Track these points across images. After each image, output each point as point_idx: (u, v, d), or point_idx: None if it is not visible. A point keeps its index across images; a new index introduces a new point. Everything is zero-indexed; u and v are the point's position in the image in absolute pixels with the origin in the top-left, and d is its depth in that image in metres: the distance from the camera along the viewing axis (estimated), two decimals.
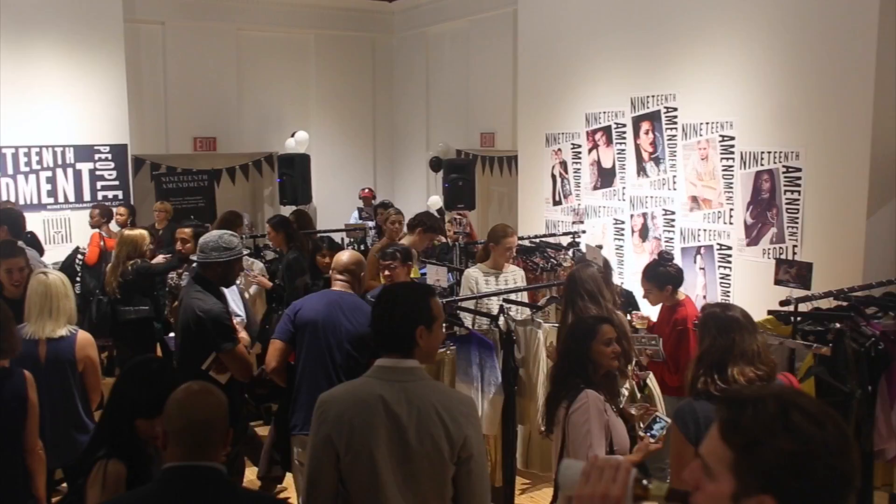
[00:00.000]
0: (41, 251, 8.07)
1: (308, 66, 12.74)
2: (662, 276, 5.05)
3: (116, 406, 2.91)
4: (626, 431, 3.41)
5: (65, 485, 4.64)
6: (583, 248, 7.43)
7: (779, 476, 1.29)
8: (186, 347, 4.33)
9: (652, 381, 4.54)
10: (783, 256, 6.18)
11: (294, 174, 11.24)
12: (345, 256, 4.35)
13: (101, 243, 8.47)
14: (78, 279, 7.71)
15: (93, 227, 8.89)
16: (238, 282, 6.68)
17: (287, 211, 10.98)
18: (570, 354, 3.48)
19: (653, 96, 7.64)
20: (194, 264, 5.00)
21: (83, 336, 4.34)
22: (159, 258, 6.85)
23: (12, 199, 9.88)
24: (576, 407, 3.31)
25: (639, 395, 4.25)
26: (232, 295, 5.62)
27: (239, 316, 5.48)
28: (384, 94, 13.37)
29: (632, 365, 4.31)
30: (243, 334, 4.92)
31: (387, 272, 5.33)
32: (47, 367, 4.16)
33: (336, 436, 2.57)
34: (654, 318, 5.35)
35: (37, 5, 10.02)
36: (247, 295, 6.58)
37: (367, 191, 11.68)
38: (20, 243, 6.14)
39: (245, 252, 7.04)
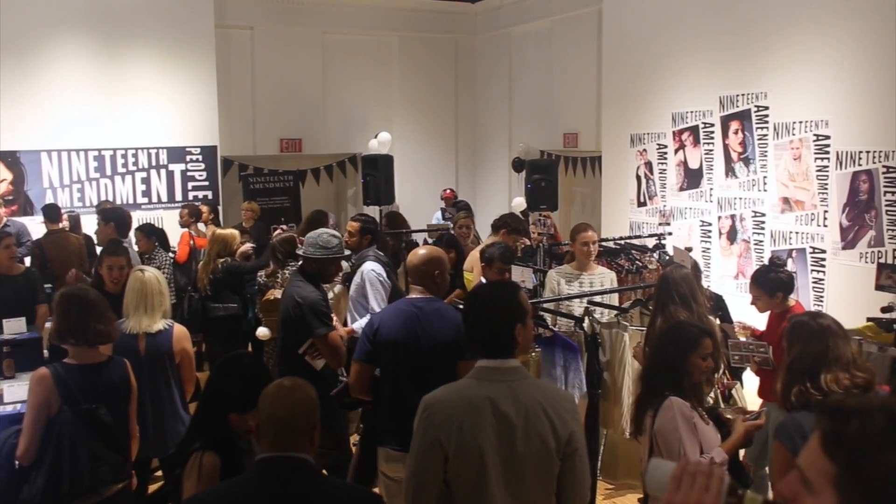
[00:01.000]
0: (167, 248, 8.38)
1: (391, 67, 12.87)
2: (773, 282, 4.82)
3: (210, 400, 3.01)
4: (720, 438, 3.32)
5: (160, 472, 4.79)
6: (669, 250, 7.28)
7: (888, 493, 1.23)
8: (287, 334, 4.55)
9: (738, 391, 4.40)
10: (882, 260, 5.94)
11: (377, 175, 11.34)
12: (414, 258, 4.14)
13: (191, 242, 8.74)
14: (169, 277, 7.96)
15: (182, 226, 9.19)
16: None
17: (371, 211, 11.13)
18: (664, 360, 3.41)
19: (743, 95, 7.44)
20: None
21: (179, 330, 4.51)
22: (246, 246, 7.00)
23: (110, 199, 10.31)
24: (662, 415, 3.25)
25: (722, 406, 4.13)
26: None
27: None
28: (466, 95, 13.40)
29: (718, 373, 4.20)
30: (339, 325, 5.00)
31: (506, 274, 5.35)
32: (146, 360, 4.33)
33: (445, 439, 2.57)
34: (750, 324, 5.16)
35: (133, 14, 10.44)
36: (331, 294, 6.67)
37: (448, 191, 11.73)
38: (127, 241, 6.45)
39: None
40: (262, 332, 6.08)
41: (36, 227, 9.06)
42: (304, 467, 2.42)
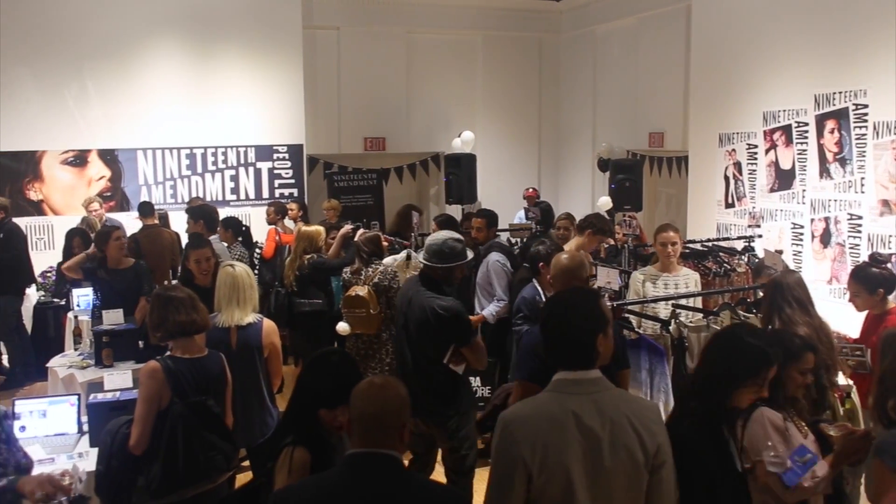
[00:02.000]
0: (251, 244, 8.62)
1: (475, 66, 12.88)
2: (875, 278, 4.60)
3: (300, 396, 3.07)
4: (817, 451, 3.20)
5: (247, 462, 4.91)
6: (759, 252, 7.08)
7: None
8: (425, 342, 4.53)
9: (854, 395, 4.23)
10: None
11: (460, 174, 11.40)
12: (558, 265, 3.98)
13: (277, 238, 8.95)
14: (256, 272, 8.16)
15: (269, 223, 9.41)
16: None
17: (453, 210, 11.18)
18: None
19: (840, 93, 7.18)
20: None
21: (268, 324, 4.62)
22: (346, 228, 7.15)
23: (201, 196, 10.64)
24: (752, 426, 3.15)
25: (841, 411, 3.98)
26: None
27: None
28: (550, 93, 13.31)
29: (835, 377, 4.05)
30: None
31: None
32: (238, 353, 4.45)
33: (529, 457, 2.47)
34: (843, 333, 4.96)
35: (225, 17, 10.74)
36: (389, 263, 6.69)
37: (531, 190, 11.67)
38: (215, 237, 6.65)
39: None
40: (342, 327, 6.17)
41: (131, 222, 9.41)
42: (393, 464, 2.45)
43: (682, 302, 5.21)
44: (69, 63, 10.14)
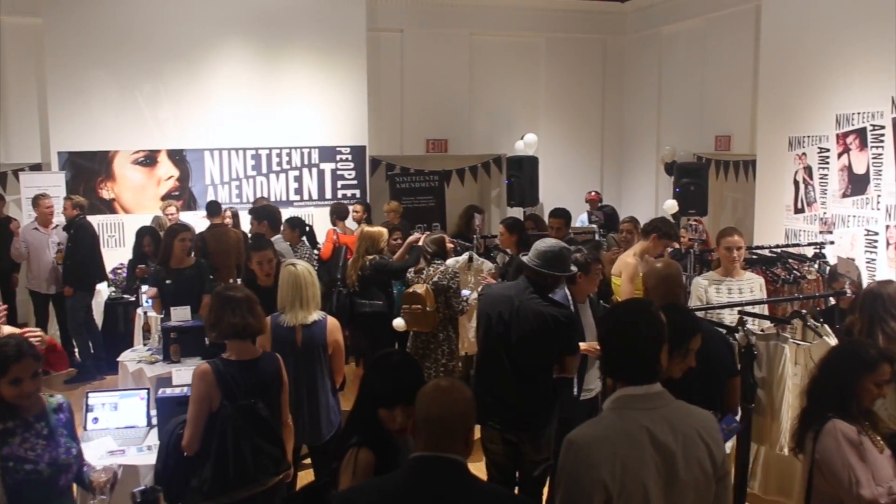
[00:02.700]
0: (314, 244, 8.73)
1: (538, 68, 12.82)
2: None
3: (363, 396, 3.09)
4: (894, 467, 3.09)
5: (308, 460, 4.96)
6: (831, 259, 6.89)
7: None
8: (536, 350, 4.36)
9: None
10: None
11: (522, 176, 11.35)
12: (657, 274, 3.89)
13: (335, 238, 9.04)
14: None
15: (356, 221, 9.51)
16: (469, 280, 6.87)
17: (514, 212, 11.14)
18: (834, 378, 3.20)
19: None
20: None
21: (332, 322, 4.67)
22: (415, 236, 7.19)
23: (265, 196, 10.82)
24: (825, 439, 3.06)
25: None
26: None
27: None
28: (614, 96, 13.16)
29: None
30: None
31: None
32: (303, 350, 4.51)
33: (609, 479, 2.38)
34: None
35: (290, 19, 10.90)
36: (474, 295, 6.71)
37: (593, 194, 11.56)
38: (278, 237, 6.75)
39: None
40: (399, 323, 6.22)
41: (198, 221, 9.61)
42: (457, 469, 2.42)
43: (749, 309, 5.09)
44: (141, 65, 10.43)
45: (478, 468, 3.10)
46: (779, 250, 7.11)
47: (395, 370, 3.03)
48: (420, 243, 6.60)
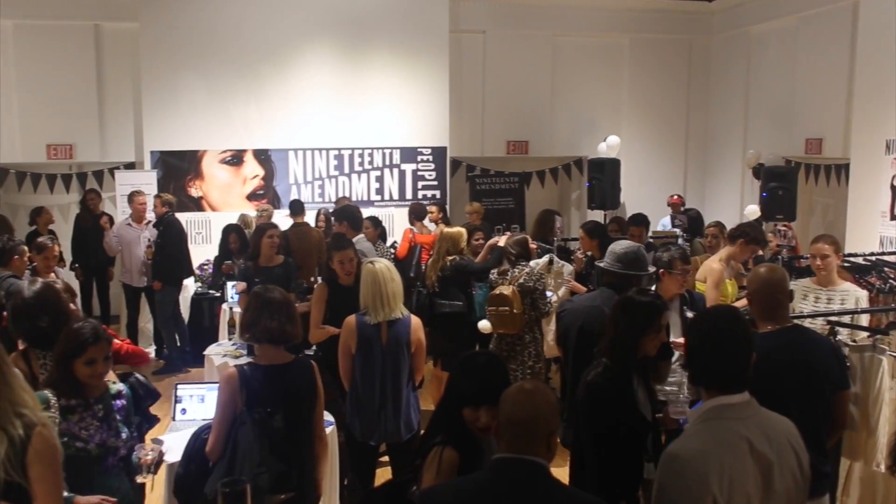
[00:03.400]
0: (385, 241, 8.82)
1: (621, 70, 12.65)
2: None
3: (449, 395, 3.10)
4: None
5: (386, 458, 5.00)
6: None
7: None
8: None
9: None
10: None
11: (603, 179, 11.22)
12: (760, 279, 3.61)
13: (411, 237, 9.11)
14: None
15: (433, 221, 9.60)
16: (549, 283, 6.81)
17: (595, 215, 11.02)
18: None
19: None
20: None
21: (416, 320, 4.71)
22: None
23: (347, 195, 10.97)
24: None
25: None
26: None
27: None
28: (699, 97, 12.87)
29: None
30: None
31: None
32: (388, 347, 4.56)
33: (718, 491, 2.34)
34: None
35: (374, 21, 11.04)
36: (555, 297, 6.66)
37: (675, 197, 11.33)
38: (360, 236, 6.85)
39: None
40: (484, 324, 6.20)
41: (281, 219, 9.81)
42: (539, 471, 2.41)
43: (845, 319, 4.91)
44: (230, 68, 10.73)
45: (562, 473, 3.06)
46: (873, 258, 6.82)
47: (482, 371, 3.04)
48: (502, 244, 6.58)
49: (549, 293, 6.48)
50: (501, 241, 7.00)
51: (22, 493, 2.56)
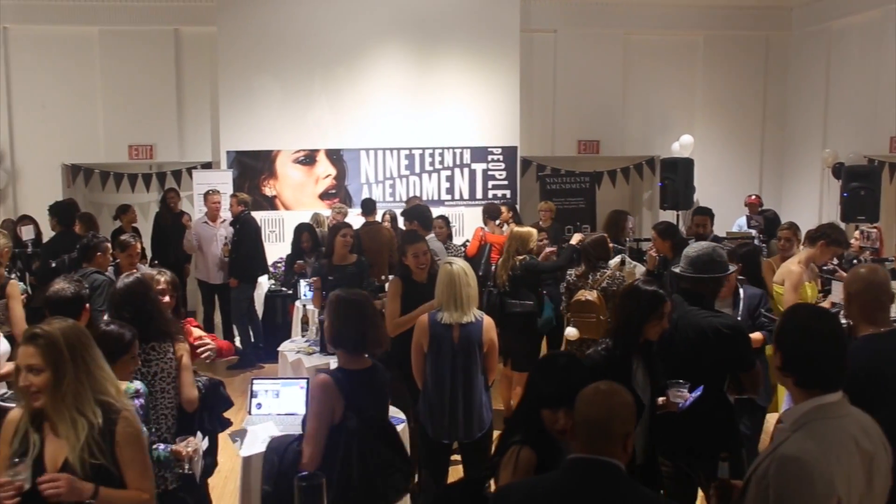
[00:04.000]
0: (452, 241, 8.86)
1: (695, 68, 12.42)
2: None
3: (528, 396, 3.12)
4: None
5: (457, 456, 5.01)
6: None
7: None
8: (700, 370, 3.90)
9: None
10: None
11: (676, 178, 11.04)
12: (862, 279, 3.48)
13: (482, 236, 9.11)
14: None
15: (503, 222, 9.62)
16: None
17: (667, 216, 10.85)
18: None
19: None
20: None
21: (488, 320, 4.70)
22: (547, 251, 7.15)
23: (418, 195, 11.04)
24: None
25: None
26: None
27: None
28: (776, 95, 12.54)
29: None
30: None
31: None
32: (460, 348, 4.56)
33: (845, 493, 2.30)
34: None
35: (445, 20, 11.10)
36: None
37: (753, 197, 11.04)
38: (431, 235, 6.88)
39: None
40: (571, 332, 6.11)
41: (352, 218, 9.92)
42: (614, 472, 2.41)
43: None
44: (303, 69, 10.93)
45: None
46: None
47: (562, 372, 3.04)
48: (574, 243, 6.52)
49: None
50: (575, 239, 6.95)
51: (110, 476, 2.69)
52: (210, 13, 10.91)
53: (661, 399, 3.81)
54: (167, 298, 4.42)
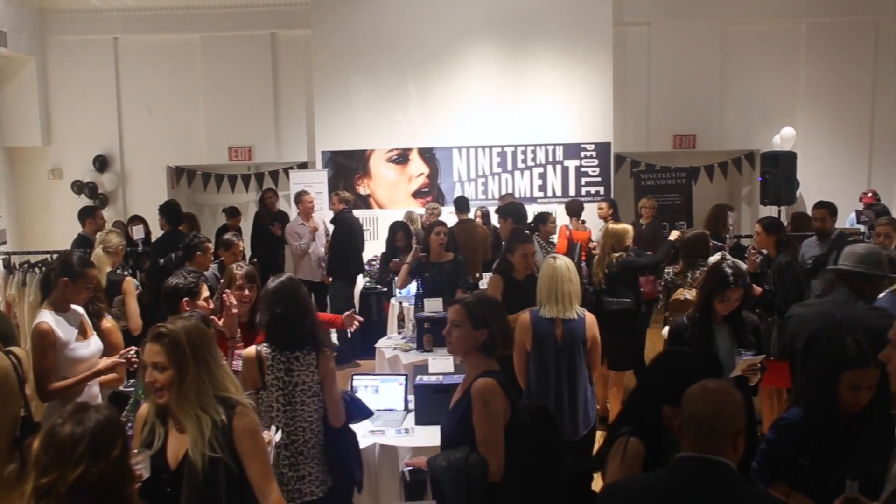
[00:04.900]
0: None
1: (797, 57, 11.95)
2: None
3: (644, 391, 3.09)
4: None
5: None
6: None
7: None
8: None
9: None
10: None
11: (777, 173, 10.65)
12: None
13: (568, 234, 9.02)
14: None
15: (603, 218, 9.49)
16: None
17: (768, 211, 10.50)
18: None
19: None
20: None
21: (591, 317, 4.67)
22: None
23: (510, 192, 11.02)
24: None
25: None
26: None
27: None
28: (886, 84, 11.93)
29: None
30: None
31: None
32: (563, 345, 4.54)
33: None
34: None
35: (536, 15, 11.06)
36: None
37: (869, 195, 10.49)
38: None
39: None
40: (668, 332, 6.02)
41: (445, 217, 9.97)
42: (726, 472, 2.35)
43: None
44: (396, 69, 11.06)
45: None
46: None
47: (687, 368, 2.98)
48: (674, 239, 6.39)
49: None
50: (673, 235, 6.81)
51: (229, 470, 2.77)
52: (305, 16, 11.15)
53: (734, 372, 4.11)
54: (246, 292, 4.51)
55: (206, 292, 4.40)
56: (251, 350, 3.75)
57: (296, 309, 3.78)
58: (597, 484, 3.21)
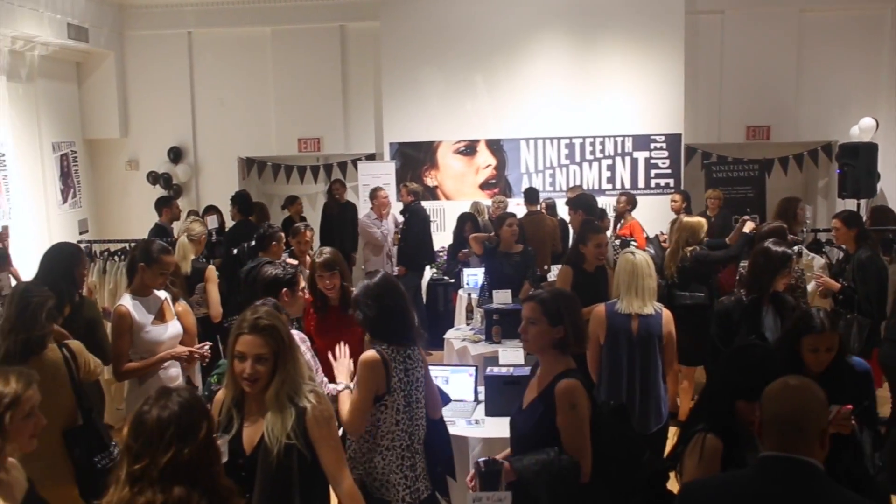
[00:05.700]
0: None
1: (881, 43, 11.46)
2: None
3: (718, 387, 3.04)
4: None
5: None
6: None
7: None
8: None
9: None
10: None
11: (857, 165, 10.30)
12: None
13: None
14: None
15: (618, 213, 9.40)
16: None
17: (847, 204, 10.18)
18: None
19: None
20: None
21: (667, 314, 4.63)
22: None
23: (579, 184, 10.93)
24: None
25: None
26: None
27: None
28: None
29: None
30: None
31: None
32: (638, 340, 4.50)
33: None
34: None
35: (606, 4, 10.93)
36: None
37: None
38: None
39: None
40: None
41: (514, 208, 9.94)
42: (813, 473, 2.30)
43: None
44: (464, 60, 11.05)
45: None
46: None
47: (763, 364, 2.94)
48: (748, 231, 6.24)
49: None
50: (747, 227, 6.66)
51: (302, 457, 2.82)
52: (373, 8, 11.21)
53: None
54: (326, 281, 4.77)
55: (303, 282, 4.49)
56: (372, 354, 3.53)
57: (404, 300, 3.72)
58: (671, 483, 3.16)
